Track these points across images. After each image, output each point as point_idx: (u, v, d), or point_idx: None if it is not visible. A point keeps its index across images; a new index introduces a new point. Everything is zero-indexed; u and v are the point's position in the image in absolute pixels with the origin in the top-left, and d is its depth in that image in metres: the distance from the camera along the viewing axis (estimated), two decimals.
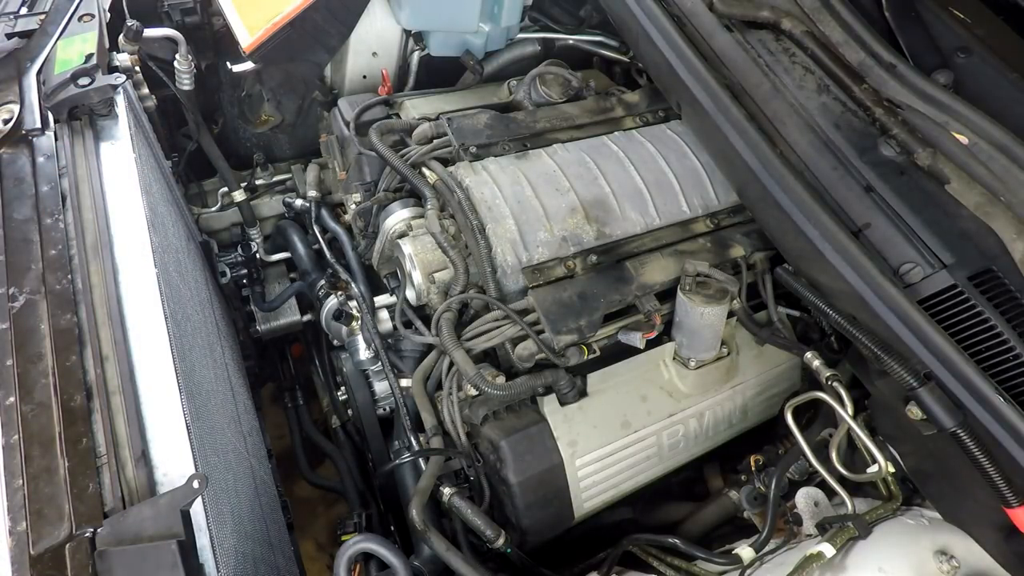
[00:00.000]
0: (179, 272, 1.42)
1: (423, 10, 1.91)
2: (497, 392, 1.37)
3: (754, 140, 1.36)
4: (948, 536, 1.23)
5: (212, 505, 1.03)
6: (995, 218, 1.26)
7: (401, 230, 1.65)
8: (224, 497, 1.15)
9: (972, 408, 1.11)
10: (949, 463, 1.19)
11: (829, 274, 1.26)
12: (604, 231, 1.56)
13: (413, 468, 1.60)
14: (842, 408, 1.31)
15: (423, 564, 1.42)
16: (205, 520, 0.98)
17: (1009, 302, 1.17)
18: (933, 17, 1.54)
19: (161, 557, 0.86)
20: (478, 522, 1.39)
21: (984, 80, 1.44)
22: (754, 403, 1.68)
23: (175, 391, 1.06)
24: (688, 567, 1.43)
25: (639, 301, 1.50)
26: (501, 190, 1.55)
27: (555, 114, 1.79)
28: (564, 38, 2.14)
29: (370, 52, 2.03)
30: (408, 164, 1.65)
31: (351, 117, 1.82)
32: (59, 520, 0.90)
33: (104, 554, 0.87)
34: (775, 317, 1.61)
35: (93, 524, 0.90)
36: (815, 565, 1.17)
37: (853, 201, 1.31)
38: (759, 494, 1.54)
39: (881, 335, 1.21)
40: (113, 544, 0.88)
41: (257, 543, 1.28)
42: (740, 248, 1.62)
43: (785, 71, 1.48)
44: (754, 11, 1.53)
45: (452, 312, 1.50)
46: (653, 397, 1.55)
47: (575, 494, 1.47)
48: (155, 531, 0.89)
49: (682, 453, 1.61)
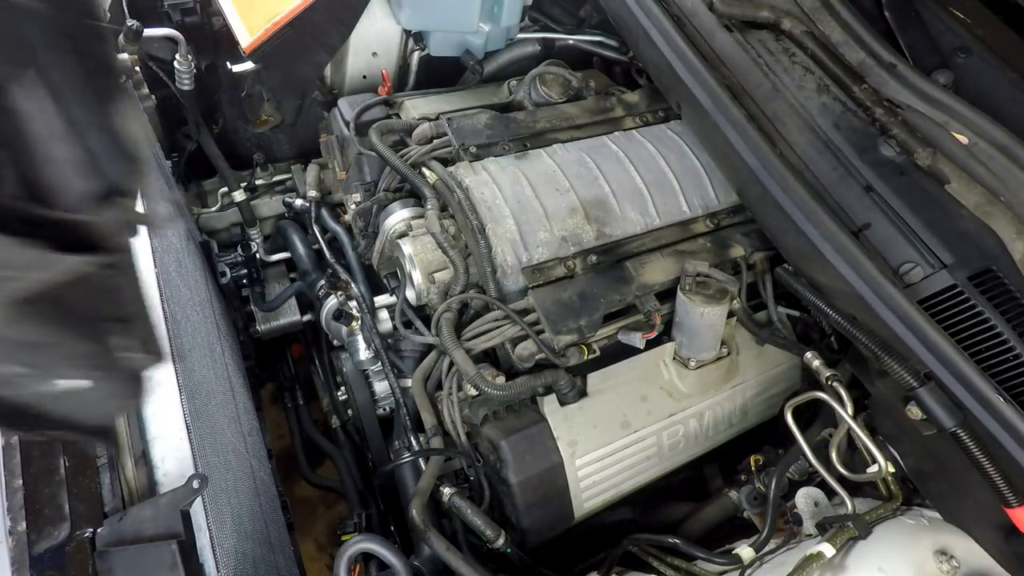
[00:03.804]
0: (179, 272, 1.42)
1: (423, 10, 1.91)
2: (497, 392, 1.37)
3: (754, 140, 1.36)
4: (948, 536, 1.23)
5: (212, 505, 1.03)
6: (995, 218, 1.26)
7: (401, 230, 1.64)
8: (224, 497, 1.15)
9: (972, 408, 1.11)
10: (949, 463, 1.19)
11: (829, 274, 1.26)
12: (604, 231, 1.56)
13: (413, 468, 1.60)
14: (842, 408, 1.31)
15: (423, 564, 1.42)
16: (205, 520, 0.99)
17: (1009, 302, 1.17)
18: (933, 17, 1.54)
19: (161, 557, 0.86)
20: (478, 522, 1.39)
21: (984, 80, 1.44)
22: (754, 403, 1.68)
23: (175, 391, 1.06)
24: (688, 567, 1.43)
25: (639, 301, 1.50)
26: (501, 190, 1.55)
27: (555, 114, 1.79)
28: (564, 38, 2.14)
29: (370, 52, 2.03)
30: (408, 164, 1.65)
31: (351, 117, 1.82)
32: (59, 520, 0.90)
33: (104, 554, 0.87)
34: (775, 317, 1.61)
35: (93, 524, 0.90)
36: (815, 565, 1.17)
37: (853, 201, 1.31)
38: (759, 494, 1.54)
39: (881, 335, 1.21)
40: (113, 544, 0.88)
41: (257, 543, 1.28)
42: (740, 248, 1.62)
43: (785, 71, 1.48)
44: (754, 11, 1.53)
45: (452, 312, 1.50)
46: (653, 397, 1.55)
47: (575, 494, 1.47)
48: (155, 531, 0.89)
49: (682, 453, 1.61)
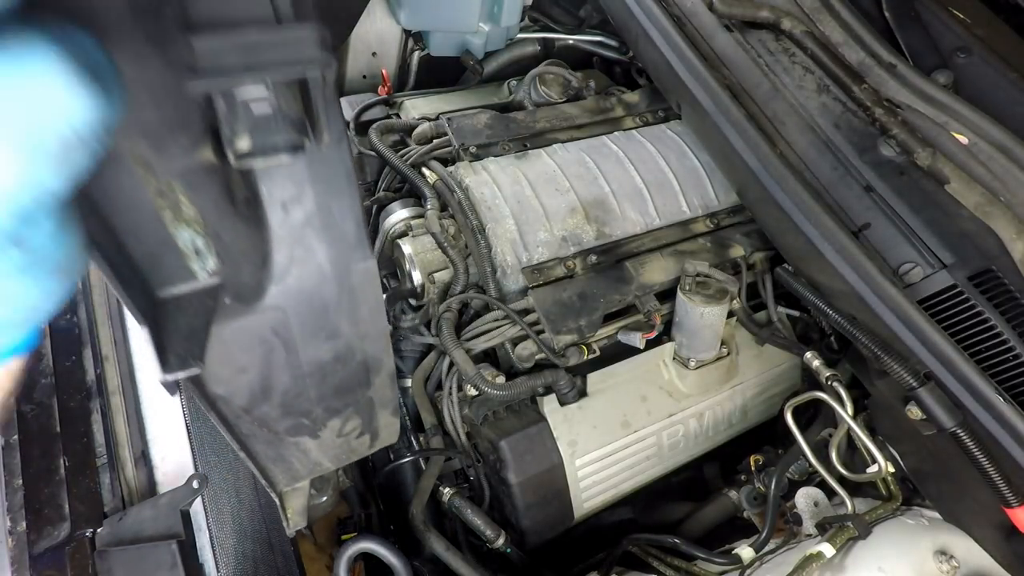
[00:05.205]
0: None
1: (423, 10, 1.91)
2: (497, 392, 1.37)
3: (754, 140, 1.36)
4: (948, 536, 1.23)
5: (212, 505, 1.03)
6: (995, 218, 1.26)
7: (401, 230, 1.64)
8: (224, 497, 1.15)
9: (972, 408, 1.11)
10: (949, 463, 1.19)
11: (829, 274, 1.26)
12: (604, 231, 1.56)
13: (413, 468, 1.60)
14: (842, 408, 1.31)
15: (423, 564, 1.42)
16: (205, 520, 0.99)
17: (1009, 302, 1.17)
18: (933, 17, 1.54)
19: (161, 557, 0.86)
20: (478, 522, 1.39)
21: (984, 80, 1.44)
22: (754, 403, 1.68)
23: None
24: (688, 567, 1.43)
25: (639, 301, 1.50)
26: (501, 190, 1.55)
27: (555, 114, 1.79)
28: (564, 38, 2.14)
29: (370, 52, 2.03)
30: (408, 164, 1.65)
31: (351, 117, 1.82)
32: (59, 520, 0.90)
33: (104, 554, 0.87)
34: (775, 317, 1.61)
35: (93, 524, 0.90)
36: (815, 565, 1.17)
37: (853, 201, 1.31)
38: (759, 494, 1.54)
39: (881, 335, 1.21)
40: (113, 544, 0.88)
41: (257, 543, 1.28)
42: (740, 248, 1.62)
43: (785, 71, 1.48)
44: (754, 11, 1.52)
45: (452, 312, 1.50)
46: (653, 397, 1.55)
47: (575, 494, 1.47)
48: (155, 531, 0.89)
49: (682, 453, 1.61)
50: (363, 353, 0.47)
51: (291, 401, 0.47)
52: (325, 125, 0.34)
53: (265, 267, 0.39)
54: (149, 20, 0.29)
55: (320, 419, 0.50)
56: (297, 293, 0.41)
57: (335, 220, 0.39)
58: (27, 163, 0.26)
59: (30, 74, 0.25)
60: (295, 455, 0.52)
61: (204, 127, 0.32)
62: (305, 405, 0.48)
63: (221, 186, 0.34)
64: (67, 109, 0.26)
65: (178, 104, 0.30)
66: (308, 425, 0.49)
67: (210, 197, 0.34)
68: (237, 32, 0.30)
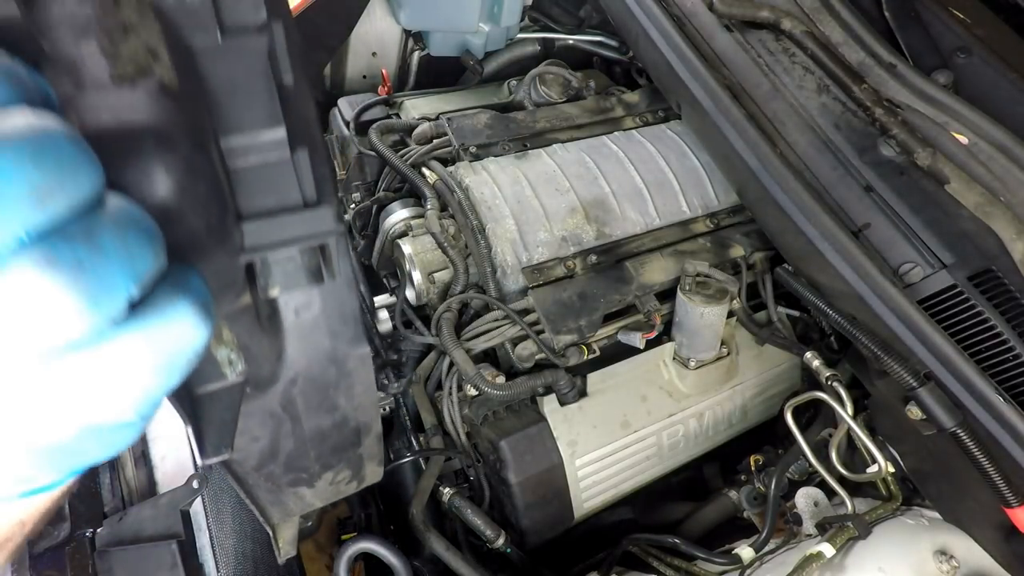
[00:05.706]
0: None
1: (423, 10, 1.91)
2: (497, 392, 1.37)
3: (754, 140, 1.36)
4: (948, 536, 1.23)
5: (212, 505, 1.03)
6: (995, 218, 1.26)
7: (401, 230, 1.64)
8: (224, 497, 1.15)
9: (972, 408, 1.11)
10: (949, 463, 1.19)
11: (829, 274, 1.26)
12: (604, 231, 1.56)
13: (413, 468, 1.60)
14: (842, 408, 1.31)
15: (423, 564, 1.42)
16: (205, 520, 0.99)
17: (1009, 302, 1.17)
18: (933, 17, 1.54)
19: (161, 557, 0.86)
20: (478, 522, 1.39)
21: (984, 80, 1.44)
22: (754, 403, 1.68)
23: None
24: (688, 567, 1.43)
25: (639, 301, 1.50)
26: (501, 190, 1.55)
27: (555, 114, 1.79)
28: (564, 38, 2.14)
29: (370, 52, 2.03)
30: (408, 164, 1.65)
31: (351, 117, 1.82)
32: (59, 520, 0.90)
33: (104, 554, 0.87)
34: (775, 317, 1.61)
35: (93, 524, 0.90)
36: (815, 565, 1.17)
37: (853, 201, 1.31)
38: (759, 494, 1.54)
39: (881, 335, 1.21)
40: (113, 544, 0.88)
41: (257, 543, 1.28)
42: (740, 248, 1.62)
43: (785, 71, 1.48)
44: (754, 11, 1.53)
45: (452, 312, 1.50)
46: (653, 397, 1.55)
47: (575, 494, 1.47)
48: (155, 531, 0.89)
49: (682, 453, 1.61)
50: (356, 421, 0.57)
51: (294, 461, 0.56)
52: (337, 268, 0.44)
53: (280, 360, 0.48)
54: (215, 230, 0.36)
55: (316, 473, 0.59)
56: (305, 377, 0.50)
57: (337, 319, 0.48)
58: (164, 383, 0.31)
59: (177, 325, 0.31)
60: (292, 499, 0.60)
61: (244, 282, 0.41)
62: (305, 463, 0.57)
63: (252, 315, 0.43)
64: (200, 342, 0.32)
65: (228, 273, 0.38)
66: (306, 477, 0.59)
67: (244, 326, 0.43)
68: (276, 218, 0.39)
